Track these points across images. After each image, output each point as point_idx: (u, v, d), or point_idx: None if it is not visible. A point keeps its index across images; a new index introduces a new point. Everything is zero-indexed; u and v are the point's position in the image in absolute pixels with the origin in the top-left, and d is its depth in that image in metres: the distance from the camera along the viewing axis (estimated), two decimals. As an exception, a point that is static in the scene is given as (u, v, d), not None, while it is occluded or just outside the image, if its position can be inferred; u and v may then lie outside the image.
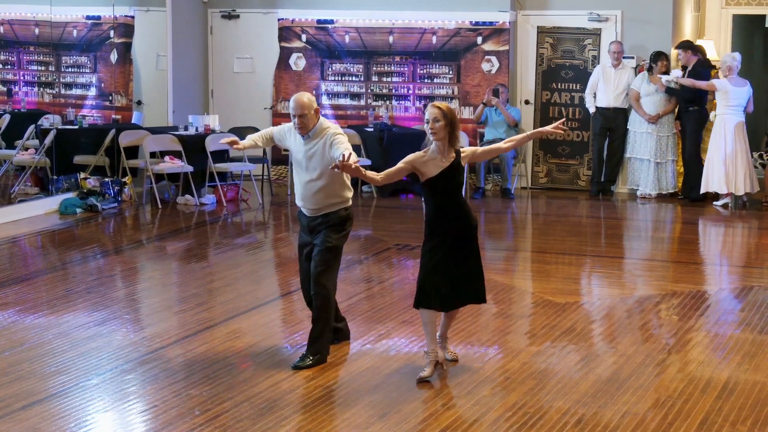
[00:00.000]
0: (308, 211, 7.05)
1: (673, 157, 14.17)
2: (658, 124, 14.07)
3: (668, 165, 14.20)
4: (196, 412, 6.12)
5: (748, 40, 17.46)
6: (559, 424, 5.94)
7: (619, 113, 14.37)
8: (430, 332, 6.73)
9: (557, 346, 7.49)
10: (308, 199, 7.00)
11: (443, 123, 6.54)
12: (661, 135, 14.11)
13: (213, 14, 15.96)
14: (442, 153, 6.59)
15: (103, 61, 14.98)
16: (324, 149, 6.85)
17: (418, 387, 6.52)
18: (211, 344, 7.42)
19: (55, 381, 6.66)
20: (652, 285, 9.51)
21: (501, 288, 9.26)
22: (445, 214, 6.66)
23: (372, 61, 15.32)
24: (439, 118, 6.53)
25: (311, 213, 7.03)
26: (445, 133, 6.55)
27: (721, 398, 6.38)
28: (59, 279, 9.68)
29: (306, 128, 6.88)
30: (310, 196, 6.98)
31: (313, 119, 6.89)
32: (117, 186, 13.40)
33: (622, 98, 14.33)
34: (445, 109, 6.55)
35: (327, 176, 6.87)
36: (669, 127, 14.12)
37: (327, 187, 6.93)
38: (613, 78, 14.28)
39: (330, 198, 6.97)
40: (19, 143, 13.86)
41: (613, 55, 14.26)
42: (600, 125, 14.43)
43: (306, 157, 6.94)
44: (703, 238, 12.40)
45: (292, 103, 6.89)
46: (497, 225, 12.98)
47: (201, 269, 10.22)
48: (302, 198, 7.04)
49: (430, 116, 6.54)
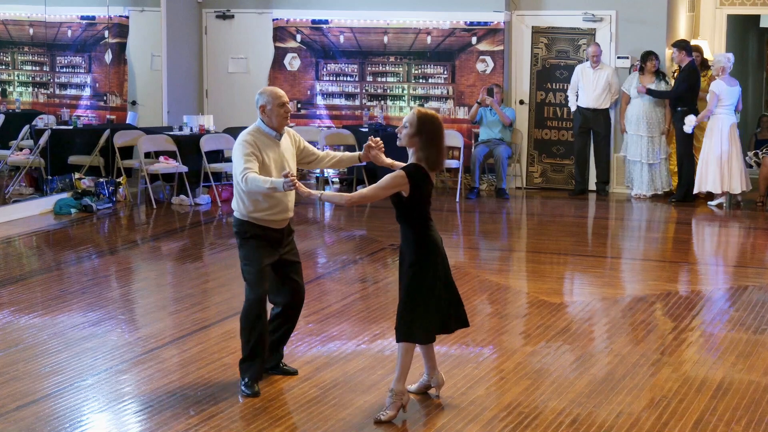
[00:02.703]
0: (278, 223, 6.48)
1: (664, 155, 14.16)
2: (648, 126, 14.07)
3: (661, 165, 14.21)
4: (191, 412, 6.12)
5: (742, 40, 17.50)
6: (554, 424, 5.95)
7: (599, 113, 14.34)
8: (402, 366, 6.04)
9: (552, 346, 7.49)
10: (284, 205, 6.45)
11: (410, 131, 5.91)
12: (652, 136, 14.11)
13: (207, 14, 15.95)
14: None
15: (98, 61, 14.97)
16: (293, 148, 6.53)
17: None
18: (206, 344, 7.42)
19: (50, 381, 6.65)
20: (646, 285, 9.52)
21: (496, 288, 9.26)
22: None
23: (367, 61, 15.32)
24: (408, 124, 5.92)
25: (282, 225, 6.50)
26: (410, 143, 5.92)
27: (715, 398, 6.39)
28: (54, 279, 9.67)
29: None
30: (289, 200, 6.49)
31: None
32: (112, 186, 13.39)
33: (602, 99, 14.29)
34: (420, 117, 5.92)
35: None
36: (659, 128, 14.11)
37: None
38: (591, 78, 14.27)
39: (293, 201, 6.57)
40: (14, 143, 13.84)
41: (591, 57, 14.27)
42: (579, 124, 14.45)
43: (285, 157, 6.47)
44: (697, 238, 12.41)
45: (274, 92, 6.41)
46: (492, 225, 12.99)
47: (196, 269, 10.22)
48: (274, 206, 6.42)
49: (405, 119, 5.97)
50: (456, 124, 14.92)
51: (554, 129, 14.94)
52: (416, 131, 5.89)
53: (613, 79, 14.27)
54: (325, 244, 11.58)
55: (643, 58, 14.06)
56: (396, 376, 6.01)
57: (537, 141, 15.02)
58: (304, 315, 8.34)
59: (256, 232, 6.43)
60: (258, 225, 6.44)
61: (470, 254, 11.14)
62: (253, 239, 6.44)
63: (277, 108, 6.38)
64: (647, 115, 14.05)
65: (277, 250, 6.48)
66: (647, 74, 14.03)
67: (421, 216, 5.99)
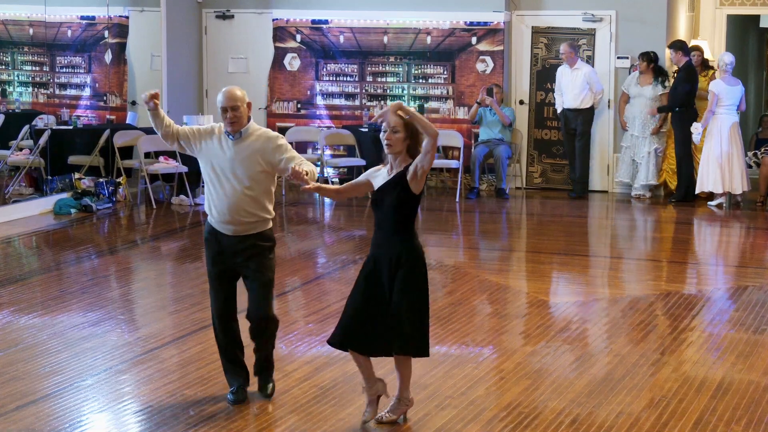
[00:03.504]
0: (230, 230, 6.11)
1: (649, 150, 14.10)
2: (641, 125, 14.05)
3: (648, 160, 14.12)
4: (191, 412, 6.12)
5: (742, 40, 17.50)
6: (553, 424, 5.95)
7: (578, 114, 14.27)
8: (360, 365, 5.96)
9: (552, 346, 7.49)
10: (233, 214, 6.05)
11: (402, 135, 5.69)
12: (644, 136, 14.08)
13: (207, 14, 15.95)
14: (392, 165, 5.79)
15: (98, 61, 14.97)
16: (261, 153, 6.03)
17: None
18: (206, 344, 7.41)
19: (49, 381, 6.65)
20: (646, 285, 9.51)
21: (496, 288, 9.26)
22: (375, 237, 5.85)
23: (367, 61, 15.32)
24: (399, 128, 5.68)
25: (234, 232, 6.10)
26: (402, 147, 5.71)
27: (715, 398, 6.39)
28: (54, 279, 9.67)
29: (239, 123, 6.04)
30: (235, 210, 6.04)
31: (246, 115, 6.09)
32: (111, 186, 13.39)
33: (580, 99, 14.22)
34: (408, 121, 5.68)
35: (260, 184, 6.07)
36: (647, 129, 14.07)
37: (258, 198, 6.08)
38: (569, 79, 14.24)
39: (260, 211, 6.11)
40: (14, 144, 13.84)
41: (562, 56, 14.26)
42: (564, 125, 14.45)
43: (235, 162, 6.04)
44: (697, 238, 12.41)
45: (221, 96, 6.07)
46: (492, 225, 12.99)
47: (195, 269, 10.21)
48: (224, 213, 6.08)
49: (388, 125, 5.68)
50: (456, 124, 14.92)
51: (554, 129, 14.93)
52: (408, 134, 5.70)
53: (591, 79, 14.15)
54: (325, 244, 11.58)
55: (641, 58, 14.06)
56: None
57: (537, 141, 15.02)
58: (304, 315, 8.35)
59: (208, 236, 6.26)
60: (211, 226, 6.24)
61: (470, 254, 11.14)
62: (206, 242, 6.28)
63: (221, 112, 6.11)
64: (644, 116, 14.04)
65: (230, 259, 6.16)
66: (645, 74, 14.02)
67: (414, 219, 5.91)
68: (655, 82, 13.99)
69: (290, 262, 10.35)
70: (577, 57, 14.27)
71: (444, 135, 14.56)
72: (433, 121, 14.87)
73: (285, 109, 15.66)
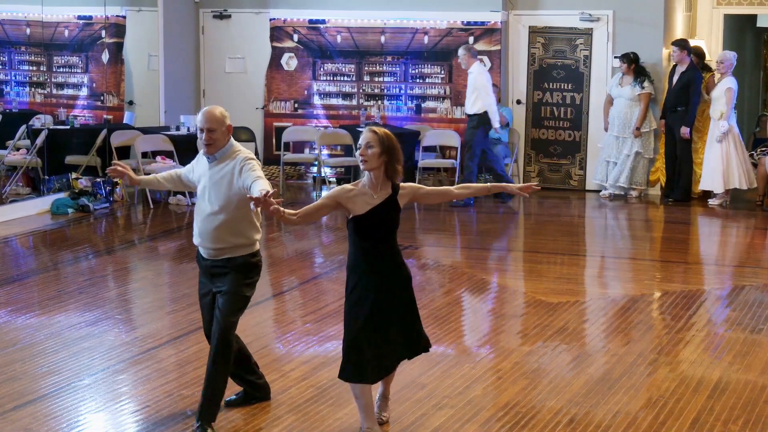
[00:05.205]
0: (207, 252, 5.96)
1: (628, 153, 14.10)
2: (621, 126, 14.06)
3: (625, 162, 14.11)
4: (188, 412, 6.11)
5: (739, 39, 17.50)
6: (551, 423, 5.95)
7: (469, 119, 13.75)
8: (365, 406, 5.67)
9: (549, 345, 7.50)
10: (206, 237, 5.89)
11: (377, 150, 5.49)
12: (624, 137, 14.08)
13: (204, 14, 15.94)
14: (374, 187, 5.57)
15: (95, 61, 14.96)
16: (233, 176, 5.81)
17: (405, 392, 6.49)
18: (203, 344, 7.39)
19: (47, 381, 6.65)
20: (643, 284, 9.52)
21: (493, 288, 9.26)
22: (371, 262, 5.67)
23: (364, 61, 15.32)
24: (373, 144, 5.49)
25: (211, 255, 5.93)
26: (379, 163, 5.50)
27: (712, 398, 6.40)
28: (51, 279, 9.66)
29: (215, 146, 5.84)
30: (208, 232, 5.87)
31: (224, 138, 5.86)
32: (109, 186, 13.38)
33: (469, 103, 13.62)
34: (381, 135, 5.50)
35: (232, 210, 5.84)
36: (627, 129, 14.07)
37: (230, 224, 5.85)
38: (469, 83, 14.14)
39: (233, 237, 5.87)
40: (11, 143, 13.83)
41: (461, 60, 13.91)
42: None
43: (210, 184, 5.88)
44: (695, 238, 12.42)
45: (200, 116, 5.87)
46: (489, 225, 12.99)
47: (193, 269, 10.18)
48: (200, 235, 5.94)
49: (363, 141, 5.52)
50: (453, 124, 14.91)
51: (551, 129, 14.94)
52: (384, 149, 5.51)
53: (478, 83, 13.53)
54: (322, 244, 11.58)
55: (620, 60, 14.08)
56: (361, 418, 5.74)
57: (534, 141, 15.02)
58: (302, 315, 8.36)
59: (196, 254, 6.12)
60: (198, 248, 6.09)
61: (467, 254, 11.14)
62: (196, 262, 6.16)
63: (198, 132, 5.94)
64: (623, 116, 14.05)
65: (211, 282, 6.01)
66: (627, 75, 14.06)
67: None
68: (634, 82, 14.00)
69: (287, 262, 10.35)
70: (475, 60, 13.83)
71: (441, 135, 14.59)
72: (431, 121, 14.99)
73: (282, 108, 15.65)
